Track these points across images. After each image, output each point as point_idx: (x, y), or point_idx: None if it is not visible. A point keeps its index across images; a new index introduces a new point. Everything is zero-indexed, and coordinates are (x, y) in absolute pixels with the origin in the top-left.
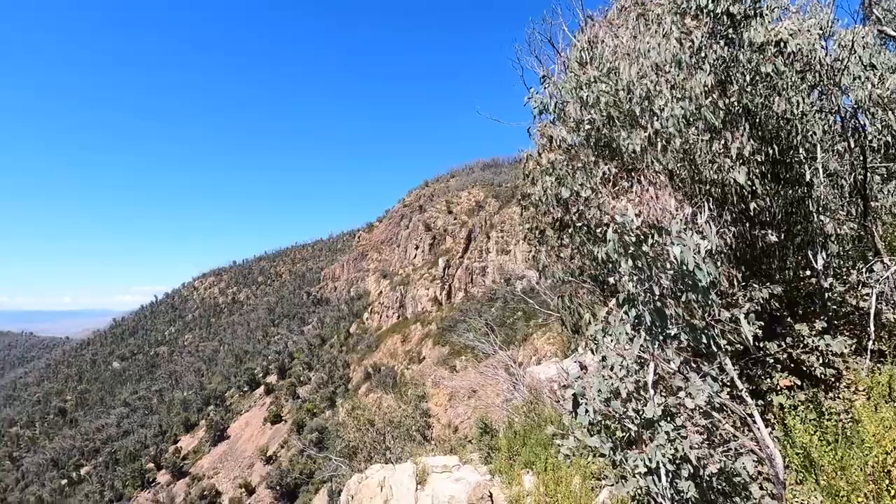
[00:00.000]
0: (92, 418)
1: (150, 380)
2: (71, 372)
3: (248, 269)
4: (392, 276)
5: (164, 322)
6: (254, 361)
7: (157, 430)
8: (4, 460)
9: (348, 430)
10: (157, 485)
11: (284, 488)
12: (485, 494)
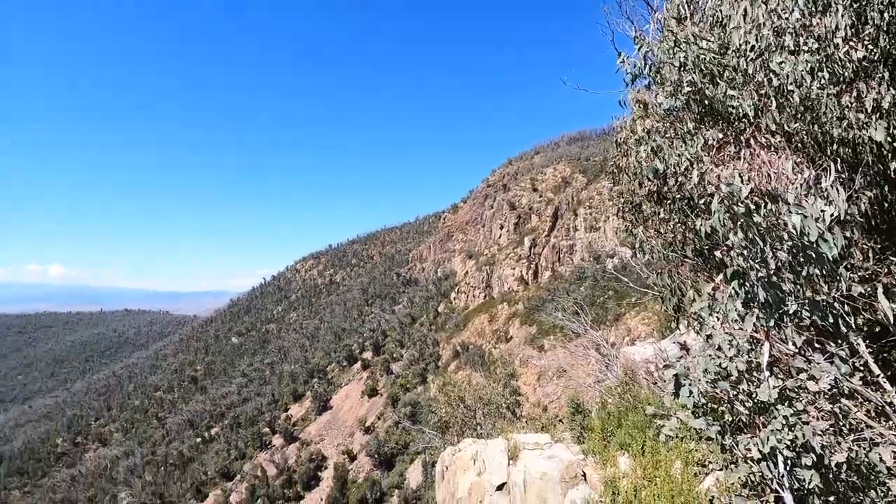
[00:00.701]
0: (217, 386)
1: (262, 353)
2: (199, 346)
3: (342, 253)
4: (477, 257)
5: (272, 302)
6: (351, 338)
7: (271, 398)
8: (152, 419)
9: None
10: (273, 447)
11: (382, 457)
12: (578, 473)
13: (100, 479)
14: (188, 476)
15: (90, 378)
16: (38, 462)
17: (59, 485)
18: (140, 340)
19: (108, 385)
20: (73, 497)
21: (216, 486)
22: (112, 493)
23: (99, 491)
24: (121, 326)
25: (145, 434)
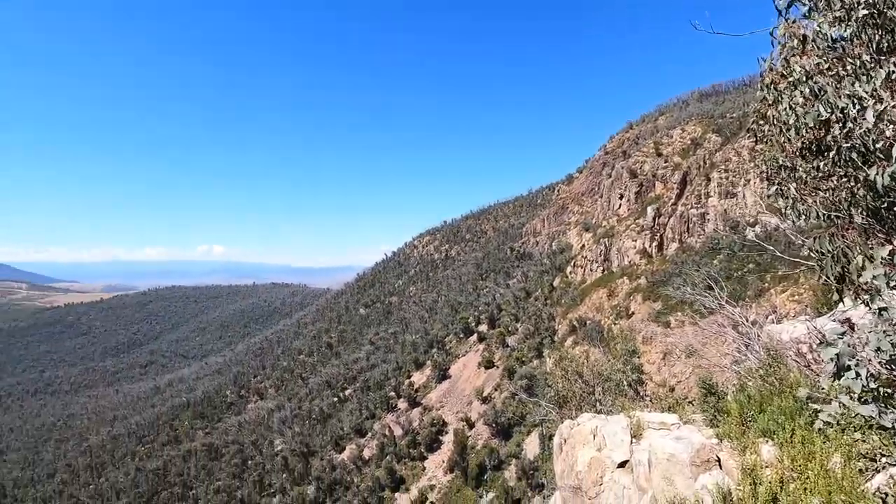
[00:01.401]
0: (349, 352)
1: (386, 324)
2: (332, 315)
3: (456, 228)
4: (595, 229)
5: (393, 276)
6: (467, 311)
7: (395, 365)
8: (297, 378)
9: (556, 379)
10: (398, 410)
11: (499, 426)
12: (711, 458)
13: (259, 426)
14: (328, 430)
15: (248, 341)
16: (214, 409)
17: (230, 429)
18: (285, 310)
19: (262, 348)
20: (240, 440)
21: (351, 440)
22: (269, 439)
23: (259, 436)
24: (269, 297)
25: (292, 391)
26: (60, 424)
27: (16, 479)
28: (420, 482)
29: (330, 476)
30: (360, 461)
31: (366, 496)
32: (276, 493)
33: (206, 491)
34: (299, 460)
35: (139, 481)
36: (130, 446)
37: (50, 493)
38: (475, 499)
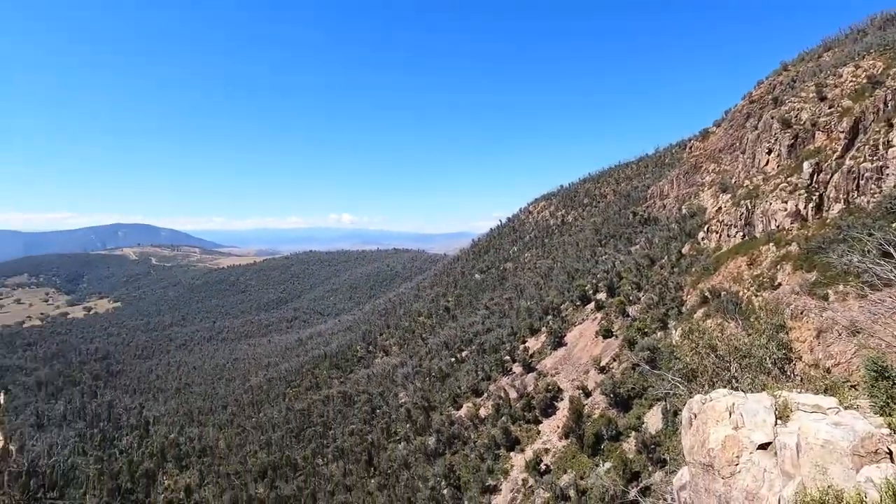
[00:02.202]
0: (465, 316)
1: (501, 289)
2: (449, 280)
3: (574, 192)
4: (734, 189)
5: (508, 242)
6: (584, 279)
7: (510, 330)
8: (418, 338)
9: (684, 352)
10: (513, 373)
11: (618, 397)
12: (880, 449)
13: (385, 379)
14: (446, 388)
15: (374, 302)
16: (347, 361)
17: (360, 380)
18: (405, 274)
19: (386, 308)
20: (369, 390)
21: (468, 399)
22: (394, 391)
23: (385, 388)
24: (391, 262)
25: (413, 350)
26: (228, 366)
27: (200, 407)
28: (534, 444)
29: (449, 430)
30: (476, 419)
31: (482, 452)
32: (401, 440)
33: (342, 432)
34: (421, 413)
35: (289, 418)
36: (281, 388)
37: (224, 421)
38: (591, 466)
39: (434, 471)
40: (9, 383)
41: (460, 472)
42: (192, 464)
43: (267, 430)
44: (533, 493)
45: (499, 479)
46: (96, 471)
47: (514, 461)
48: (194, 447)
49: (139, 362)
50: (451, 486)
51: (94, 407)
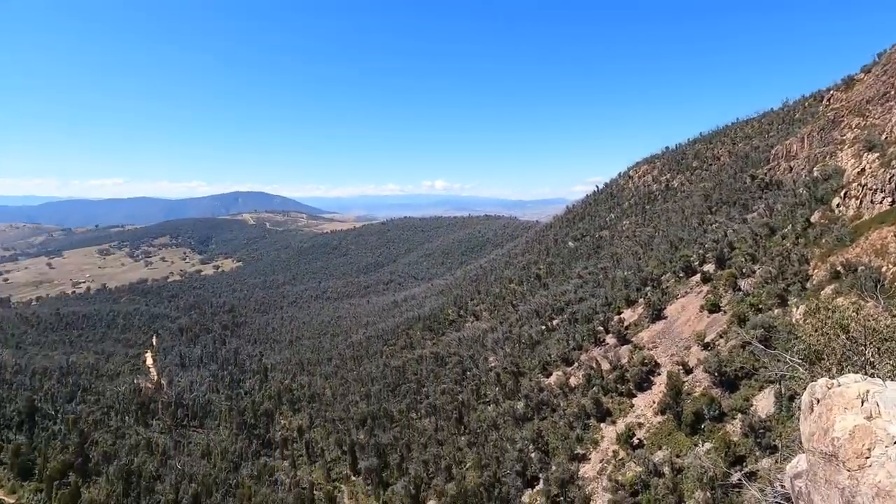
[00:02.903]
0: (557, 284)
1: (596, 258)
2: (541, 248)
3: (681, 155)
4: (884, 147)
5: (604, 209)
6: (689, 249)
7: (604, 300)
8: (508, 305)
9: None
10: (606, 345)
11: (723, 376)
12: None
13: (475, 343)
14: (536, 355)
15: (465, 268)
16: (439, 324)
17: (451, 342)
18: (497, 241)
19: (477, 275)
20: (460, 353)
21: (558, 367)
22: (484, 355)
23: (475, 352)
24: (482, 229)
25: (504, 316)
26: (332, 323)
27: (309, 359)
28: (627, 418)
29: (538, 396)
30: (566, 388)
31: (571, 420)
32: (491, 402)
33: (434, 390)
34: (510, 378)
35: (386, 374)
36: (378, 346)
37: (329, 372)
38: (689, 445)
39: (522, 434)
40: (159, 328)
41: (548, 437)
42: (303, 408)
43: (366, 383)
44: (623, 465)
45: (588, 448)
46: (227, 406)
47: (605, 432)
48: (305, 393)
49: (258, 316)
50: (539, 451)
51: (223, 352)
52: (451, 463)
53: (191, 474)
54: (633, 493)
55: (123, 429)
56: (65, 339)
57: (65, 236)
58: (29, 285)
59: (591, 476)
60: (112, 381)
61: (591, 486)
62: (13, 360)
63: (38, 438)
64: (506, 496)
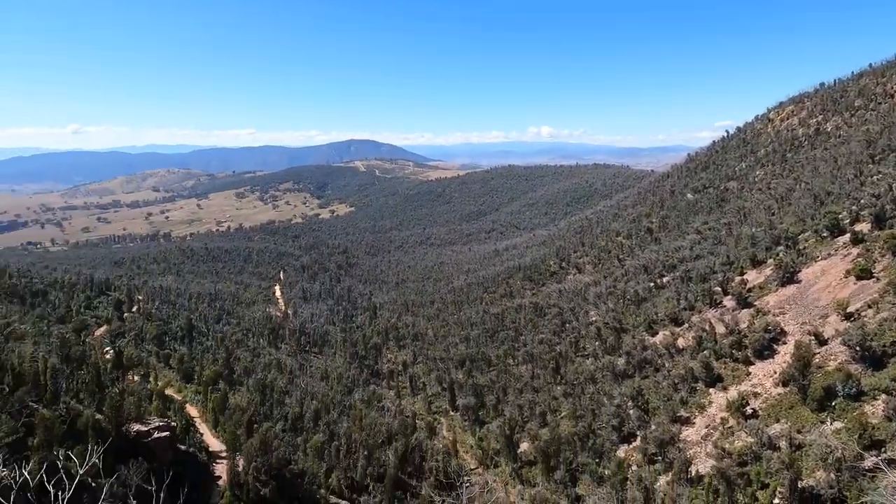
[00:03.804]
0: (670, 239)
1: (718, 212)
2: (655, 199)
3: (840, 92)
4: None
5: (734, 157)
6: (839, 204)
7: (725, 259)
8: (614, 259)
9: None
10: (723, 307)
11: (866, 351)
12: None
13: (576, 296)
14: (641, 312)
15: (570, 219)
16: (539, 275)
17: (552, 294)
18: (605, 191)
19: (582, 226)
20: (560, 304)
21: (665, 326)
22: (585, 309)
23: (576, 305)
24: (590, 178)
25: (608, 270)
26: (435, 268)
27: (413, 300)
28: (740, 385)
29: (640, 354)
30: (672, 348)
31: (676, 382)
32: (590, 356)
33: (531, 339)
34: (611, 333)
35: (485, 320)
36: (479, 293)
37: (431, 314)
38: (814, 422)
39: (621, 390)
40: (285, 265)
41: (649, 396)
42: (407, 345)
43: (466, 327)
44: (732, 434)
45: (693, 412)
46: (341, 337)
47: (713, 398)
48: (409, 332)
49: (368, 258)
50: (639, 409)
51: (338, 290)
52: (546, 410)
53: (312, 393)
54: (740, 463)
55: (259, 349)
56: (212, 269)
57: (209, 180)
58: (184, 223)
59: (693, 440)
60: (249, 308)
61: (694, 450)
62: (175, 285)
63: (196, 350)
64: (600, 448)
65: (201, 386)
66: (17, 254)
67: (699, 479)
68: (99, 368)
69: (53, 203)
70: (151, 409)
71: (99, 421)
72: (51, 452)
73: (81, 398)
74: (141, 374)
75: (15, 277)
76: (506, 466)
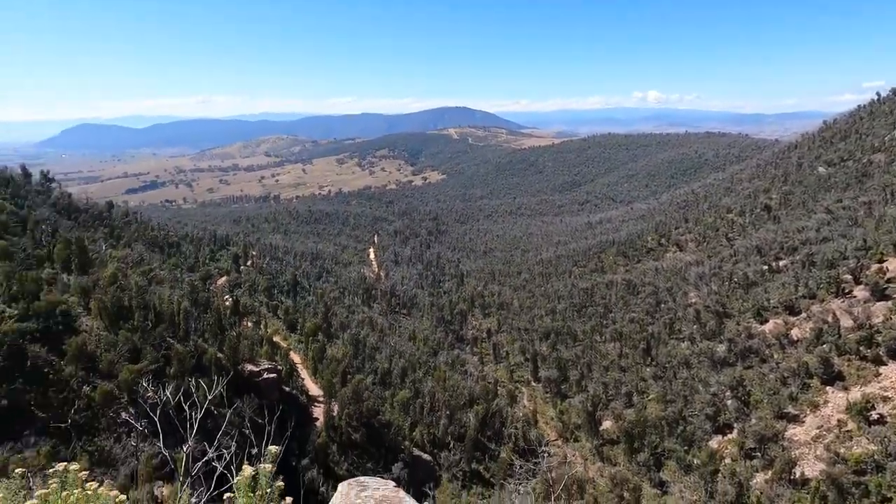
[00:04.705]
0: (793, 219)
1: (858, 189)
2: (777, 173)
3: None
4: None
5: (884, 125)
6: None
7: (860, 244)
8: (722, 238)
9: None
10: (852, 297)
11: None
12: None
13: (675, 276)
14: (750, 297)
15: (673, 192)
16: (635, 251)
17: (647, 271)
18: (717, 163)
19: (687, 200)
20: (655, 283)
21: (777, 315)
22: (683, 290)
23: (674, 285)
24: (701, 148)
25: (714, 249)
26: (524, 239)
27: (500, 270)
28: (866, 387)
29: (744, 342)
30: (784, 339)
31: (785, 375)
32: (685, 339)
33: (622, 317)
34: (712, 317)
35: (573, 294)
36: (568, 266)
37: (518, 285)
38: None
39: (719, 378)
40: (378, 229)
41: (751, 388)
42: (492, 313)
43: (553, 300)
44: (851, 438)
45: (803, 409)
46: (429, 301)
47: (830, 397)
48: (494, 300)
49: (457, 225)
50: (738, 399)
51: (427, 255)
52: (633, 391)
53: (400, 351)
54: (857, 472)
55: (353, 307)
56: (314, 230)
57: (313, 147)
58: (291, 186)
59: (801, 440)
60: (346, 268)
61: (800, 450)
62: (283, 243)
63: (299, 304)
64: (690, 436)
65: (303, 336)
66: (157, 209)
67: (804, 483)
68: (220, 313)
69: (185, 166)
70: (262, 352)
71: (220, 359)
72: (183, 381)
73: (206, 338)
74: (253, 321)
75: (156, 230)
76: (586, 442)
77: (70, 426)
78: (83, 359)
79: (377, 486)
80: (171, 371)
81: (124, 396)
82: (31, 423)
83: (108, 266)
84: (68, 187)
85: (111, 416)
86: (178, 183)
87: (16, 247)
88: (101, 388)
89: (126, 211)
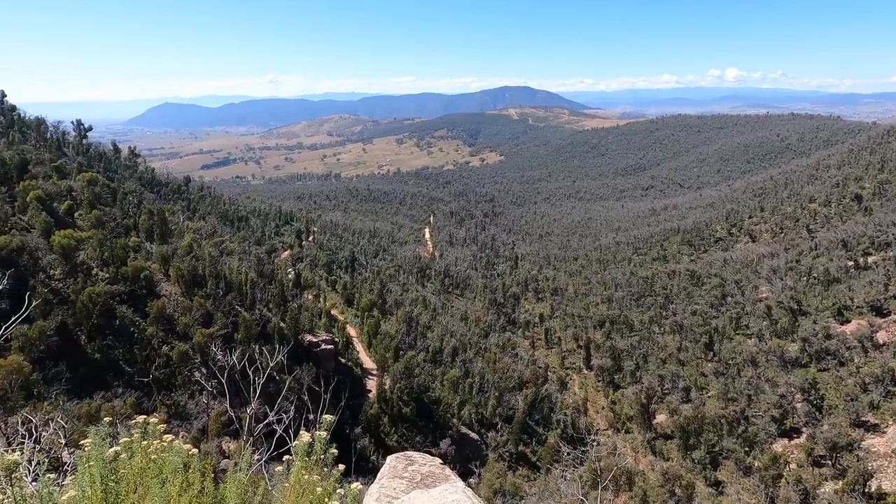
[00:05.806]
0: (888, 210)
1: None
2: (872, 159)
3: None
4: None
5: None
6: None
7: None
8: (802, 229)
9: None
10: None
11: None
12: None
13: (745, 268)
14: (830, 295)
15: (749, 178)
16: (701, 240)
17: (714, 262)
18: (802, 147)
19: (764, 188)
20: (722, 275)
21: (862, 315)
22: (754, 283)
23: (743, 278)
24: (784, 131)
25: (792, 241)
26: (582, 223)
27: (555, 255)
28: None
29: (821, 342)
30: (868, 341)
31: (866, 381)
32: (753, 336)
33: (683, 309)
34: (785, 314)
35: (632, 282)
36: (627, 253)
37: (573, 270)
38: None
39: (788, 379)
40: (435, 209)
41: (826, 392)
42: (545, 298)
43: (609, 288)
44: None
45: (885, 419)
46: (482, 283)
47: None
48: (548, 285)
49: (514, 208)
50: (809, 403)
51: (482, 237)
52: (691, 386)
53: (452, 331)
54: None
55: (408, 285)
56: (372, 209)
57: (373, 126)
58: (351, 165)
59: (880, 451)
60: (401, 247)
61: (878, 462)
62: (342, 221)
63: (356, 280)
64: (752, 437)
65: (359, 311)
66: (229, 185)
67: (880, 497)
68: (283, 285)
69: (254, 143)
70: (320, 324)
71: (282, 328)
72: (248, 347)
73: (270, 308)
74: (313, 294)
75: (227, 204)
76: (638, 435)
77: (151, 381)
78: (163, 321)
79: (424, 461)
80: (238, 337)
81: (197, 357)
82: (120, 376)
83: (186, 237)
84: (151, 162)
85: (186, 374)
86: (247, 160)
87: (108, 216)
88: (178, 348)
89: (201, 185)
